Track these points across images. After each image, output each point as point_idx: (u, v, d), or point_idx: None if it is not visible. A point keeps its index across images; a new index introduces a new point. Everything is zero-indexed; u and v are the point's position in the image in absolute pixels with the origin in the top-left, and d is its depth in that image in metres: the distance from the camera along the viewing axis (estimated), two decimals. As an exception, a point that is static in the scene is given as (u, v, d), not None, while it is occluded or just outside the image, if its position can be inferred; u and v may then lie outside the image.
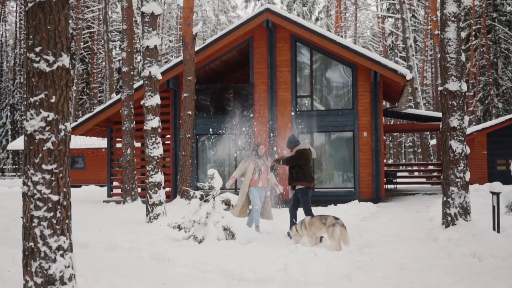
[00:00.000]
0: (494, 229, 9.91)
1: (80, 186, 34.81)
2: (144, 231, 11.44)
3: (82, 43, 57.22)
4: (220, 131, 19.96)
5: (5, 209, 17.23)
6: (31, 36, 5.18)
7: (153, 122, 12.67)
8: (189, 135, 18.02)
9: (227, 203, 10.39)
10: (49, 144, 5.17)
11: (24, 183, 5.22)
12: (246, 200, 11.40)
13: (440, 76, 10.97)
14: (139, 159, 20.72)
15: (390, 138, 53.16)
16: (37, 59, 5.14)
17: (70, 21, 42.08)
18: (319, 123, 19.46)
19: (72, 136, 24.46)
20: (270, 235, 10.98)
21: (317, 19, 67.21)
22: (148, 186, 12.74)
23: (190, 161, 18.14)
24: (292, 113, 19.55)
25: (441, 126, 10.94)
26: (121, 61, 18.48)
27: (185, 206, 16.87)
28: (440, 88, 10.84)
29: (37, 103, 5.15)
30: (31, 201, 5.17)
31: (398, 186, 26.32)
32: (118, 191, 21.59)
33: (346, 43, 18.87)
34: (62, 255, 5.24)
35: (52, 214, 5.18)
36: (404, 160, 55.08)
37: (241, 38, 19.86)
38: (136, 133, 18.97)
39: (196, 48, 19.37)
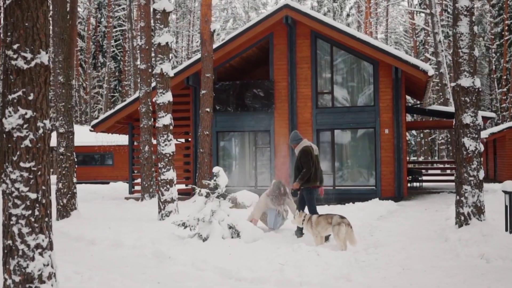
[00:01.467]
0: (506, 229, 9.59)
1: (108, 183, 35.20)
2: (153, 228, 11.42)
3: (113, 41, 57.85)
4: (241, 128, 19.87)
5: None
6: (9, 33, 5.16)
7: (165, 119, 12.64)
8: (207, 132, 17.97)
9: (233, 201, 10.29)
10: (27, 142, 5.13)
11: (3, 181, 5.21)
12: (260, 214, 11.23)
13: (453, 72, 10.68)
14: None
15: (421, 135, 52.31)
16: (15, 56, 5.11)
17: (102, 19, 42.46)
18: (340, 120, 19.22)
19: (101, 134, 24.78)
20: (277, 233, 10.84)
21: (348, 15, 66.79)
22: (160, 183, 12.71)
23: (209, 158, 18.10)
24: (312, 110, 19.33)
25: (454, 123, 10.65)
26: (139, 59, 18.49)
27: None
28: (452, 84, 10.55)
29: (15, 100, 5.12)
30: (10, 199, 5.14)
31: (425, 184, 25.85)
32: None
33: (366, 39, 18.57)
34: (40, 254, 5.21)
35: (30, 212, 5.15)
36: (435, 158, 54.17)
37: (261, 35, 19.71)
38: (154, 130, 18.98)
39: (216, 45, 19.31)
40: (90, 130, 21.19)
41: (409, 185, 24.90)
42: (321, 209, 14.04)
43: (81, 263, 8.51)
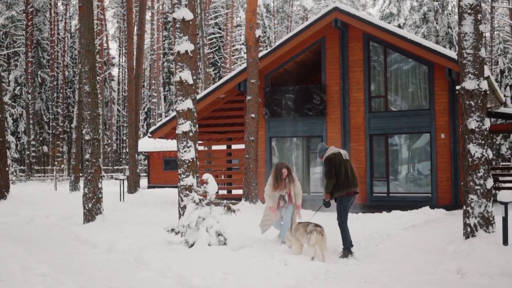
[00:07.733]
0: (504, 242, 8.86)
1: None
2: (161, 233, 11.56)
3: (209, 48, 59.25)
4: (293, 134, 19.75)
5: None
6: None
7: (184, 126, 12.79)
8: (252, 138, 18.02)
9: (229, 208, 10.26)
10: None
11: None
12: (270, 220, 10.73)
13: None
14: (202, 161, 21.11)
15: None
16: None
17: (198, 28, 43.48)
18: (394, 125, 18.58)
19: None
20: (272, 242, 10.45)
21: (449, 14, 64.30)
22: (179, 189, 12.89)
23: (254, 164, 18.14)
24: (365, 114, 18.82)
25: (460, 129, 10.01)
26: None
27: (248, 209, 16.85)
28: (457, 87, 9.93)
29: None
30: None
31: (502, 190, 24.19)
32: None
33: (419, 40, 17.79)
34: None
35: None
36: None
37: (313, 39, 19.46)
38: (200, 137, 19.36)
39: (265, 51, 19.34)
40: (149, 137, 21.85)
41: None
42: (358, 217, 13.69)
43: (61, 266, 8.88)
